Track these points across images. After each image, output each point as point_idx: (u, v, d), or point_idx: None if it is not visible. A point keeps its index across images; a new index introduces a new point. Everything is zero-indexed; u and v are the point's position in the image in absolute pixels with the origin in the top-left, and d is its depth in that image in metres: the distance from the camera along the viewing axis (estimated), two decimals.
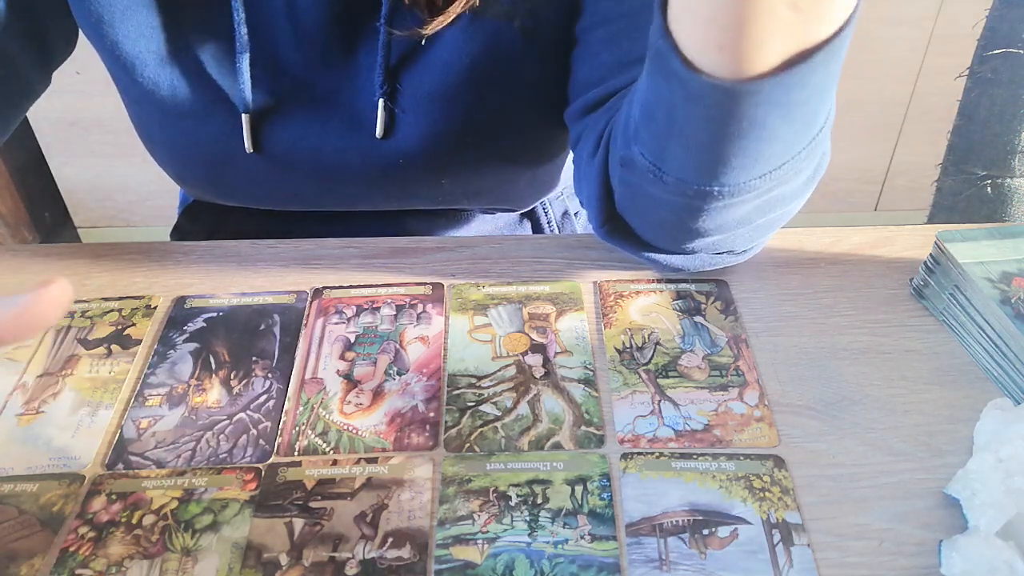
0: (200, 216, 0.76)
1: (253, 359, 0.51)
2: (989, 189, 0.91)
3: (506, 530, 0.41)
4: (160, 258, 0.59)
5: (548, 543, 0.40)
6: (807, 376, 0.49)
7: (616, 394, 0.48)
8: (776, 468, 0.43)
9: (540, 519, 0.41)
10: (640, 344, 0.51)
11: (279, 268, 0.58)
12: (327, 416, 0.47)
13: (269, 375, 0.49)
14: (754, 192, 0.42)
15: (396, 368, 0.50)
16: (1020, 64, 0.85)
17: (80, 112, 1.62)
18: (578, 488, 0.43)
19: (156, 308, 0.54)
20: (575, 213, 0.80)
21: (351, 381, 0.49)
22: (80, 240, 1.82)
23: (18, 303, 0.32)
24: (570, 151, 0.65)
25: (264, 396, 0.48)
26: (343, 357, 0.50)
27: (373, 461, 0.44)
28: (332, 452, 0.45)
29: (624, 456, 0.44)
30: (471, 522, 0.41)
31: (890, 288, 0.55)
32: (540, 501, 0.42)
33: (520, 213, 0.75)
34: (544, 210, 0.76)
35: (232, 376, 0.49)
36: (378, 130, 0.58)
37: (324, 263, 0.58)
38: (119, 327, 0.53)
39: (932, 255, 0.53)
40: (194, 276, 0.57)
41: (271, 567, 0.40)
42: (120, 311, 0.54)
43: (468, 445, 0.45)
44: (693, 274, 0.56)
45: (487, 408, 0.47)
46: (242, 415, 0.47)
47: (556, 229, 0.77)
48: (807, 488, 0.43)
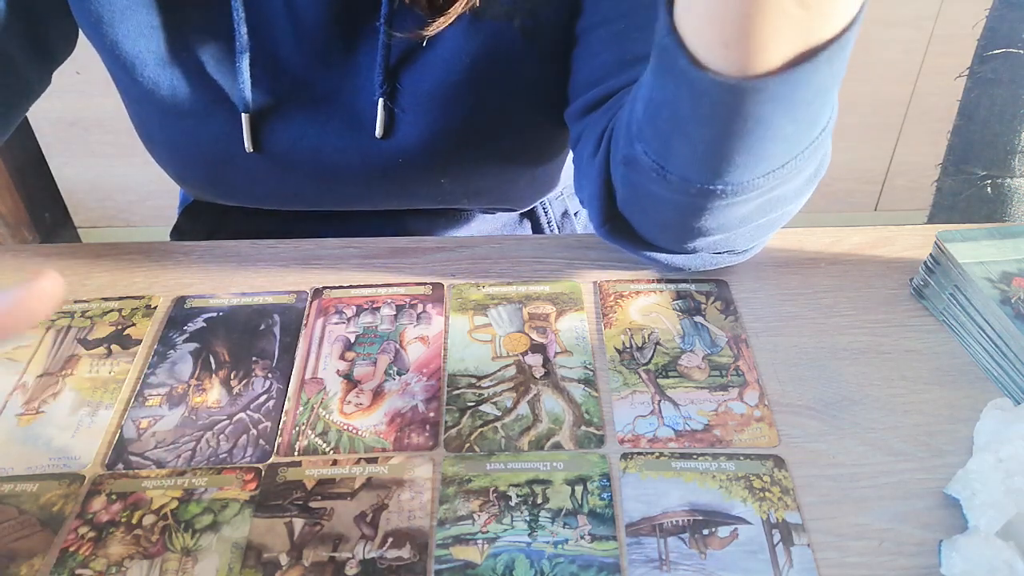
0: (200, 216, 0.76)
1: (253, 359, 0.51)
2: (989, 189, 0.91)
3: (506, 530, 0.41)
4: (160, 258, 0.59)
5: (548, 543, 0.40)
6: (807, 376, 0.49)
7: (616, 394, 0.48)
8: (776, 468, 0.43)
9: (540, 519, 0.41)
10: (640, 344, 0.51)
11: (279, 268, 0.58)
12: (327, 416, 0.47)
13: (269, 375, 0.49)
14: (757, 191, 0.42)
15: (396, 368, 0.50)
16: (1020, 64, 0.85)
17: (80, 112, 1.62)
18: (578, 488, 0.43)
19: (156, 308, 0.54)
20: (575, 213, 0.80)
21: (351, 381, 0.49)
22: (80, 240, 1.82)
23: (9, 298, 0.32)
24: (570, 151, 0.65)
25: (264, 396, 0.48)
26: (343, 357, 0.50)
27: (373, 461, 0.44)
28: (332, 452, 0.45)
29: (624, 456, 0.44)
30: (471, 522, 0.41)
31: (890, 288, 0.55)
32: (540, 501, 0.42)
33: (520, 213, 0.75)
34: (544, 210, 0.76)
35: (232, 376, 0.49)
36: (378, 130, 0.58)
37: (324, 263, 0.58)
38: (119, 327, 0.53)
39: (932, 255, 0.53)
40: (194, 276, 0.57)
41: (271, 567, 0.40)
42: (120, 311, 0.54)
43: (468, 445, 0.45)
44: (693, 274, 0.56)
45: (487, 408, 0.47)
46: (242, 415, 0.47)
47: (556, 229, 0.77)
48: (807, 488, 0.43)
